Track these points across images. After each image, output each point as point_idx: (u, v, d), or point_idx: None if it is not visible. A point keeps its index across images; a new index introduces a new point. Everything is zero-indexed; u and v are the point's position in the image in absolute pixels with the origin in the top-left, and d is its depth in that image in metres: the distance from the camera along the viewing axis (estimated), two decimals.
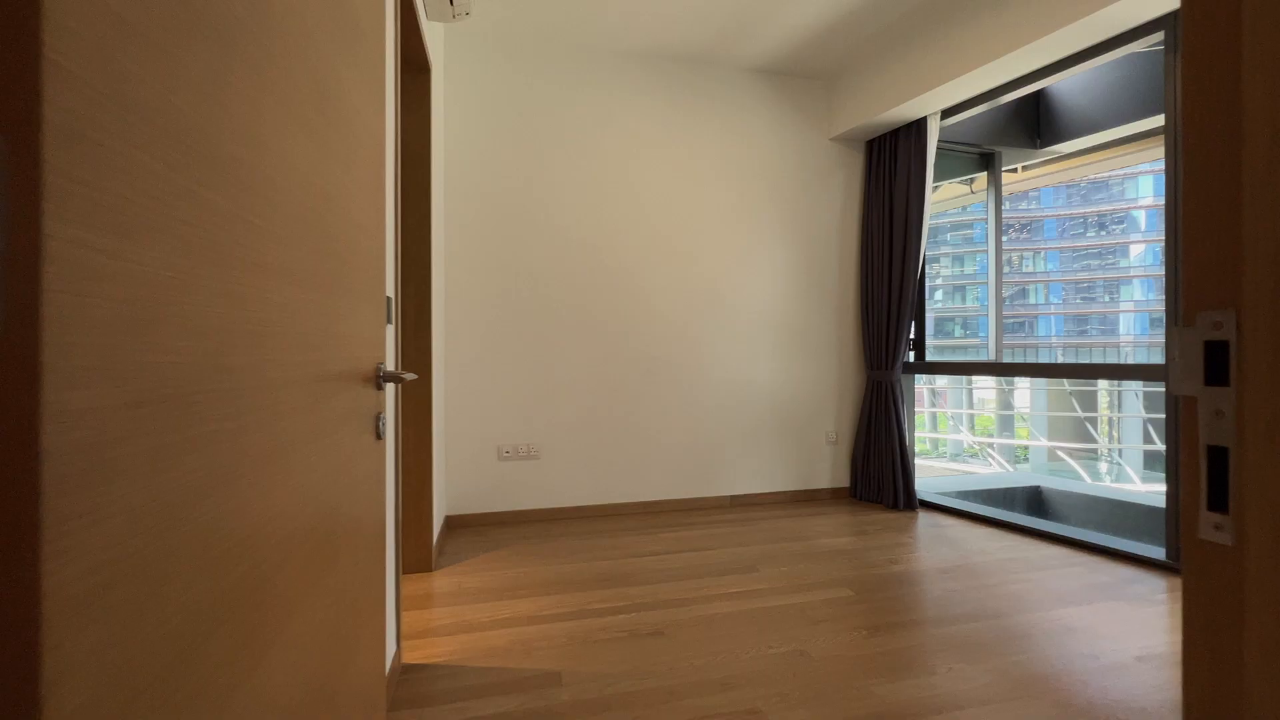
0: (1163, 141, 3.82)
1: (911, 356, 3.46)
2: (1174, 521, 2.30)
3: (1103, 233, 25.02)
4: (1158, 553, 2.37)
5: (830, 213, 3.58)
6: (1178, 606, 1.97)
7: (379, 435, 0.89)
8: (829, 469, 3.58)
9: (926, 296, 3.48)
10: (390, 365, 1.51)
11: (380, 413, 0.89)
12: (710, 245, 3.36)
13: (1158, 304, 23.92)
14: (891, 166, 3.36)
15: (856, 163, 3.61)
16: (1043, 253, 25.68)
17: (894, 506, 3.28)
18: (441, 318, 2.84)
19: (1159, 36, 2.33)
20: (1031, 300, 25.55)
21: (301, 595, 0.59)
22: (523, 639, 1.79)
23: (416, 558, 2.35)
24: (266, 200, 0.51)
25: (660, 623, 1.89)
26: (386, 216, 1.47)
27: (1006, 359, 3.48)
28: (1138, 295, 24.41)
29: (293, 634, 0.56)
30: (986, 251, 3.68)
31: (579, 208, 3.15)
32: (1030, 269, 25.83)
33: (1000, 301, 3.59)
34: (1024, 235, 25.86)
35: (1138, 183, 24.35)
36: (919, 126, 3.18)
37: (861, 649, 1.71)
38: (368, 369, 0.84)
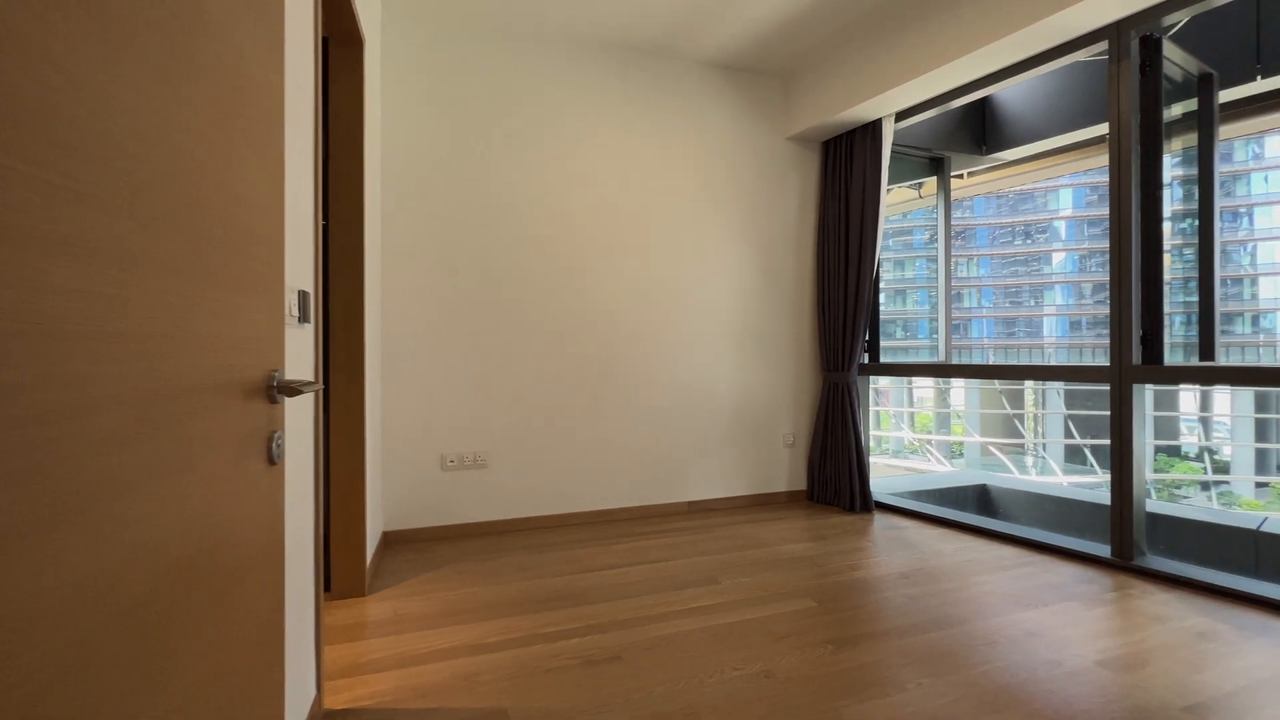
0: (1091, 150, 4.00)
1: (866, 358, 3.47)
2: (1118, 519, 2.35)
3: (1028, 241, 26.71)
4: (1103, 550, 2.42)
5: (787, 213, 3.54)
6: (1127, 605, 2.00)
7: (273, 459, 0.71)
8: (786, 472, 3.54)
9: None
10: (303, 371, 1.31)
11: (276, 431, 0.72)
12: (667, 243, 3.25)
13: (1077, 308, 25.72)
14: (847, 167, 3.35)
15: (813, 163, 3.59)
16: (975, 259, 27.19)
17: (850, 509, 3.27)
18: (378, 316, 2.60)
19: (1103, 46, 2.38)
20: (966, 304, 27.02)
21: (133, 691, 0.43)
22: (466, 672, 1.61)
23: (348, 582, 2.12)
24: (56, 142, 0.34)
25: (617, 646, 1.75)
26: (295, 194, 1.27)
27: (932, 359, 3.54)
28: (1059, 300, 26.18)
29: None
30: (924, 257, 3.75)
31: (530, 200, 2.98)
32: (964, 274, 27.31)
33: (949, 304, 3.65)
34: (958, 242, 27.30)
35: (1059, 195, 26.13)
36: (874, 128, 3.18)
37: (828, 666, 1.63)
38: (255, 378, 0.67)
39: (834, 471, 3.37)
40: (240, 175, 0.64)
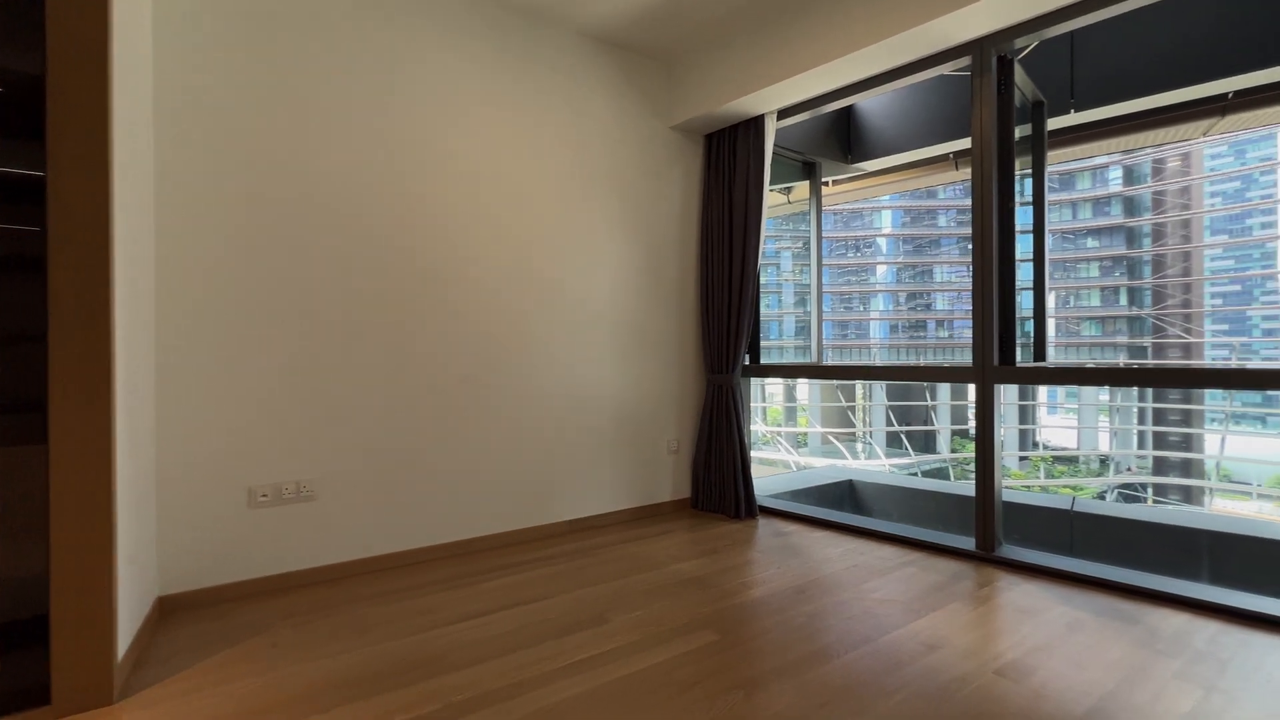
0: (935, 168, 4.38)
1: (748, 359, 3.40)
2: (982, 513, 2.47)
3: (858, 254, 30.31)
4: (968, 543, 2.54)
5: (670, 206, 3.35)
6: (1001, 601, 2.07)
7: None
8: (671, 480, 3.36)
9: (760, 301, 3.45)
10: None
11: None
12: (540, 233, 2.88)
13: (894, 314, 29.68)
14: (730, 163, 3.24)
15: (696, 156, 3.45)
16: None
17: (735, 515, 3.16)
18: (148, 311, 1.91)
19: (967, 61, 2.49)
20: (808, 308, 30.02)
21: None
22: None
23: (82, 687, 1.47)
24: None
25: None
26: None
27: (802, 359, 3.62)
28: (881, 306, 30.08)
29: None
30: (773, 264, 3.82)
31: (374, 172, 2.43)
32: (808, 281, 30.32)
33: (821, 308, 3.73)
34: (801, 247, 30.15)
35: (881, 215, 29.98)
36: (758, 124, 3.10)
37: None
38: None
39: (718, 478, 3.25)
40: None
